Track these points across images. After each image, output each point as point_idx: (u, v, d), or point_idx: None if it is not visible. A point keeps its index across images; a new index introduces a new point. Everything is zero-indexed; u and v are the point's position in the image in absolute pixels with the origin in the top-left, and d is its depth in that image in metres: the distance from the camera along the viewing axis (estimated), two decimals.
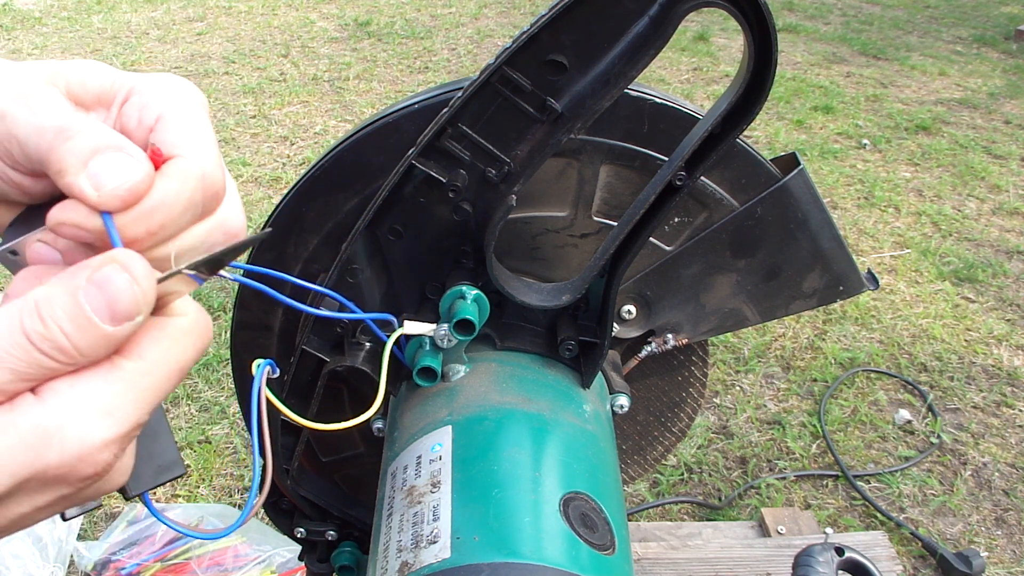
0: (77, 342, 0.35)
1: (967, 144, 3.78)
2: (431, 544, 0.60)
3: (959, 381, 2.36)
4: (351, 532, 0.93)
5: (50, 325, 0.34)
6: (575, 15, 0.62)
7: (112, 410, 0.36)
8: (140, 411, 0.37)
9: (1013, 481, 2.04)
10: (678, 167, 0.67)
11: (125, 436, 0.36)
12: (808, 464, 2.09)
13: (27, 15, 5.30)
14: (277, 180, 3.32)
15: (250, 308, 0.86)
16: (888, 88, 4.47)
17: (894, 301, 2.70)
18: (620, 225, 0.71)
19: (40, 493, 0.36)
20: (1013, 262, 2.91)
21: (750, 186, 0.82)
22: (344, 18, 5.37)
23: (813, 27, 5.49)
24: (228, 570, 1.64)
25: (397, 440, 0.74)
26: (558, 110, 0.66)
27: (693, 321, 0.88)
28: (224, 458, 2.06)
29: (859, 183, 3.42)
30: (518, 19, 5.47)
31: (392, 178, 0.69)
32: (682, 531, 1.70)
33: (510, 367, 0.77)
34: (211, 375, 2.30)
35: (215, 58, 4.65)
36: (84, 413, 0.35)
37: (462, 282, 0.73)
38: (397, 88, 4.27)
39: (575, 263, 0.88)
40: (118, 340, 0.36)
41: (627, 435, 1.02)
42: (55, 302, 0.35)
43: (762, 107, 0.64)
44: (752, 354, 2.44)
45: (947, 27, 5.63)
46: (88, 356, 0.36)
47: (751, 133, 3.71)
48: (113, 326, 0.35)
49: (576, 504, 0.63)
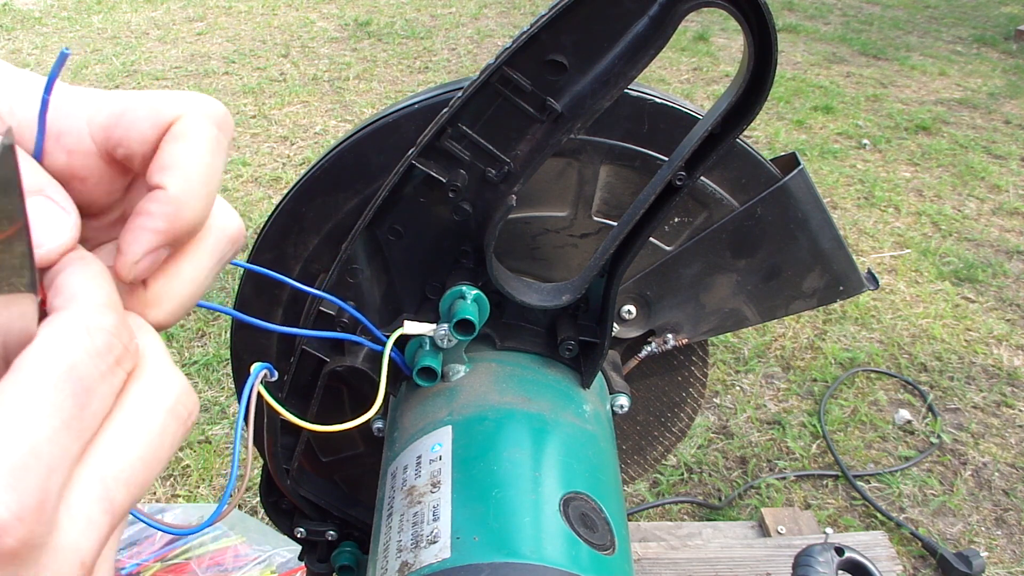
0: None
1: (967, 144, 3.78)
2: (431, 544, 0.60)
3: (959, 381, 2.36)
4: (351, 532, 0.93)
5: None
6: (575, 15, 0.62)
7: (10, 462, 0.27)
8: (48, 456, 0.28)
9: (1013, 481, 2.04)
10: (678, 167, 0.67)
11: (42, 501, 0.27)
12: (808, 464, 2.09)
13: (27, 15, 5.30)
14: (277, 180, 3.31)
15: (250, 308, 0.86)
16: (888, 88, 4.47)
17: (894, 301, 2.70)
18: (620, 225, 0.71)
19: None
20: (1013, 262, 2.91)
21: (750, 186, 0.82)
22: (344, 18, 5.37)
23: (813, 27, 5.49)
24: (228, 570, 1.64)
25: (397, 440, 0.74)
26: (558, 110, 0.66)
27: (693, 321, 0.88)
28: (224, 458, 2.06)
29: (859, 183, 3.42)
30: (518, 19, 5.47)
31: (392, 178, 0.69)
32: (682, 531, 1.70)
33: (510, 367, 0.77)
34: (211, 375, 2.30)
35: (215, 58, 4.65)
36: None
37: (462, 282, 0.73)
38: (397, 88, 4.27)
39: (575, 263, 0.88)
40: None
41: (627, 435, 1.02)
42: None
43: (762, 107, 0.64)
44: (752, 354, 2.44)
45: (947, 27, 5.63)
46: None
47: (751, 133, 3.71)
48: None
49: (576, 504, 0.63)
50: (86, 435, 0.30)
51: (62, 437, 0.29)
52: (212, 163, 0.36)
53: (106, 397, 0.31)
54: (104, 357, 0.31)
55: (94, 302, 0.33)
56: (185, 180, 0.35)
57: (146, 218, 0.35)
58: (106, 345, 0.31)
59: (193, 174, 0.36)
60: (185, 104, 0.36)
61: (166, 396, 0.34)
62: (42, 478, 0.27)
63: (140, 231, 0.35)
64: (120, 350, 0.32)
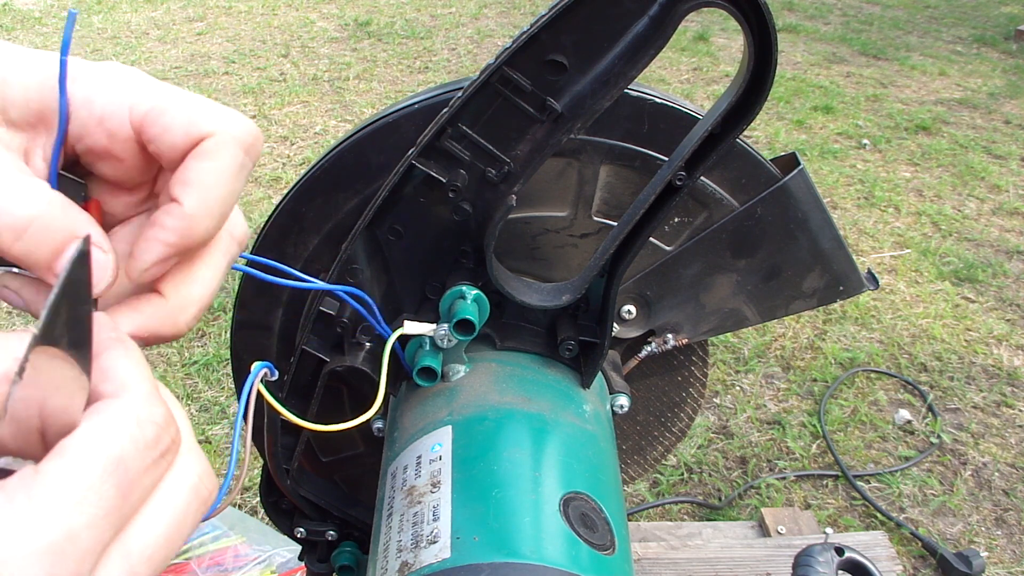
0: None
1: (967, 144, 3.78)
2: (431, 544, 0.60)
3: (959, 381, 2.36)
4: (351, 532, 0.93)
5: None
6: (575, 15, 0.62)
7: (49, 545, 0.27)
8: (85, 542, 0.28)
9: (1013, 481, 2.04)
10: (678, 167, 0.67)
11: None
12: (808, 464, 2.09)
13: (27, 15, 5.30)
14: (277, 180, 3.32)
15: (250, 308, 0.86)
16: (888, 88, 4.47)
17: (894, 301, 2.70)
18: (620, 225, 0.71)
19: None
20: (1013, 262, 2.91)
21: (750, 186, 0.82)
22: (344, 18, 5.37)
23: (813, 27, 5.49)
24: (228, 570, 1.64)
25: (397, 440, 0.74)
26: (558, 110, 0.66)
27: (693, 321, 0.88)
28: (224, 458, 2.06)
29: (859, 183, 3.42)
30: (518, 19, 5.47)
31: (392, 178, 0.69)
32: (682, 531, 1.70)
33: (510, 367, 0.77)
34: (211, 375, 2.30)
35: (215, 58, 4.65)
36: (4, 547, 0.27)
37: (462, 282, 0.73)
38: (397, 88, 4.27)
39: (575, 263, 0.88)
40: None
41: (627, 435, 1.02)
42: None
43: (762, 107, 0.64)
44: (752, 354, 2.44)
45: (947, 27, 5.63)
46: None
47: (751, 133, 3.71)
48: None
49: (576, 504, 0.63)
50: (123, 523, 0.31)
51: (101, 524, 0.29)
52: (231, 188, 0.38)
53: (148, 488, 0.32)
54: (151, 450, 0.32)
55: (144, 392, 0.33)
56: (201, 201, 0.37)
57: (159, 230, 0.37)
58: (155, 438, 0.32)
59: (211, 196, 0.37)
60: (220, 123, 0.38)
61: (191, 475, 0.34)
62: (76, 562, 0.28)
63: (152, 242, 0.37)
64: (167, 444, 0.33)
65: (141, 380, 0.33)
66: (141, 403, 0.32)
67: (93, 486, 0.29)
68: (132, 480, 0.31)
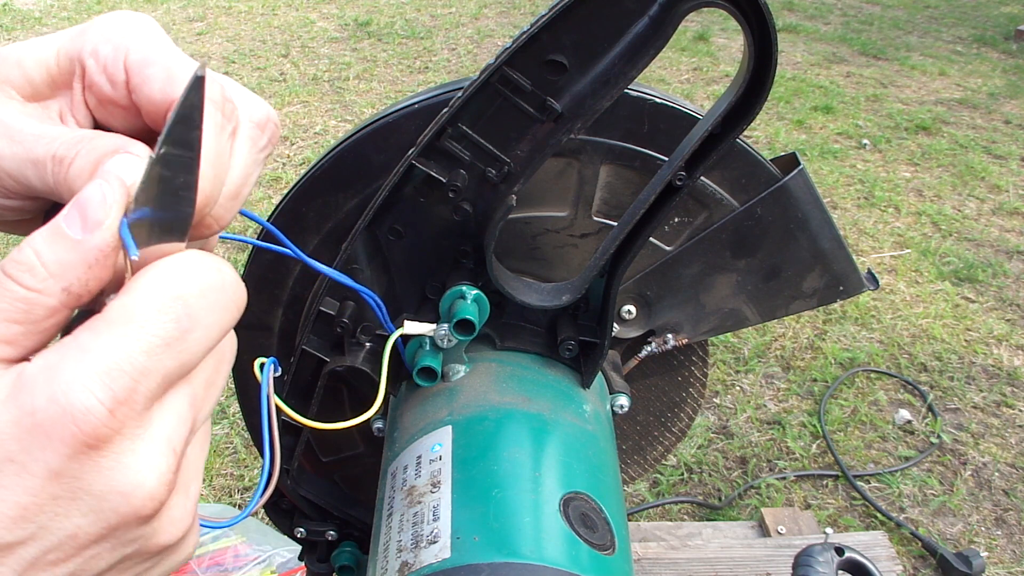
0: (46, 257, 0.32)
1: (967, 144, 3.78)
2: (431, 544, 0.60)
3: (959, 381, 2.36)
4: (351, 532, 0.93)
5: (22, 247, 0.32)
6: (575, 15, 0.62)
7: (106, 366, 0.31)
8: (142, 365, 0.31)
9: (1013, 481, 2.04)
10: (678, 167, 0.67)
11: (131, 399, 0.31)
12: (808, 464, 2.09)
13: (27, 15, 5.30)
14: (277, 180, 3.32)
15: (250, 308, 0.85)
16: (888, 88, 4.47)
17: (894, 301, 2.70)
18: (620, 225, 0.71)
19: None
20: (1013, 262, 2.91)
21: (750, 186, 0.82)
22: (344, 18, 5.37)
23: (813, 27, 5.49)
24: (228, 570, 1.64)
25: (397, 440, 0.74)
26: (558, 110, 0.66)
27: (693, 321, 0.88)
28: (224, 458, 2.06)
29: (859, 183, 3.42)
30: (518, 19, 5.47)
31: (392, 178, 0.69)
32: (682, 531, 1.70)
33: (510, 367, 0.77)
34: None
35: (215, 58, 4.65)
36: (69, 368, 0.30)
37: (462, 282, 0.73)
38: (397, 88, 4.27)
39: (575, 263, 0.88)
40: (93, 254, 0.32)
41: (627, 435, 1.02)
42: (36, 234, 0.33)
43: (762, 107, 0.64)
44: (752, 354, 2.44)
45: (947, 27, 5.63)
46: (61, 278, 0.32)
47: (751, 133, 3.71)
48: (84, 233, 0.32)
49: (576, 504, 0.63)
50: (187, 358, 0.34)
51: (158, 352, 0.32)
52: (215, 146, 0.39)
53: (210, 328, 0.35)
54: (214, 293, 0.35)
55: (211, 243, 0.39)
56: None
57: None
58: (218, 284, 0.35)
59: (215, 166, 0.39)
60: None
61: (237, 308, 0.38)
62: (133, 380, 0.31)
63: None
64: (230, 294, 0.36)
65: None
66: (204, 254, 0.36)
67: (149, 318, 0.32)
68: (192, 315, 0.33)
